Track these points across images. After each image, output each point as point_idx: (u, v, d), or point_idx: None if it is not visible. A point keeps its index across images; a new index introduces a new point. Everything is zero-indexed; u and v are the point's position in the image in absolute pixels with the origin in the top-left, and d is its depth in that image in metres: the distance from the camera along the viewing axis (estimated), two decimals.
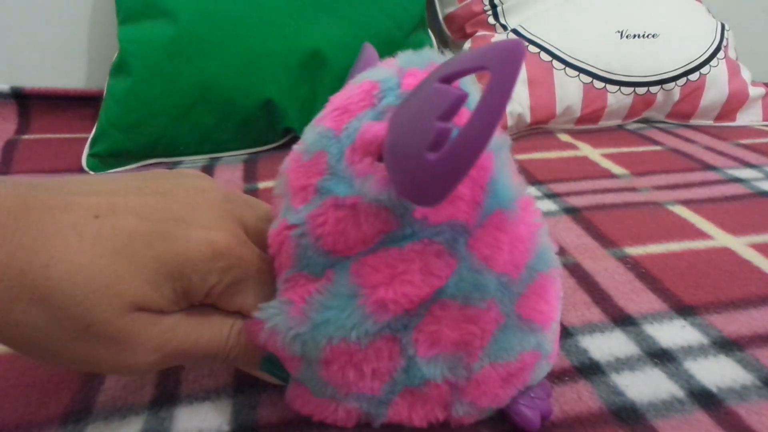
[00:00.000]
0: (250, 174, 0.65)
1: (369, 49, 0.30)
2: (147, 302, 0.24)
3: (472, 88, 0.25)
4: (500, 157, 0.24)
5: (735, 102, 0.82)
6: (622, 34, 0.79)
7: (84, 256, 0.22)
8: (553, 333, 0.28)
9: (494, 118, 0.18)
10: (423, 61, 0.25)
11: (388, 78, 0.25)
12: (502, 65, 0.18)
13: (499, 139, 0.25)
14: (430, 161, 0.19)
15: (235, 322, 0.27)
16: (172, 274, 0.24)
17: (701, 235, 0.48)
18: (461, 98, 0.18)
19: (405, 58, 0.26)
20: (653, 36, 0.80)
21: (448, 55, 0.25)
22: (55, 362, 0.24)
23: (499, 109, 0.18)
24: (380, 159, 0.23)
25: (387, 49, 0.29)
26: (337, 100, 0.26)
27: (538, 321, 0.26)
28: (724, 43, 0.84)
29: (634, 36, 0.80)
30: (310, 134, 0.26)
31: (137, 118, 0.67)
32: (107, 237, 0.23)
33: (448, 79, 0.20)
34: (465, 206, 0.23)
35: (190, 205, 0.26)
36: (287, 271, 0.26)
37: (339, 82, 0.28)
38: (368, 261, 0.24)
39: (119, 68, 0.69)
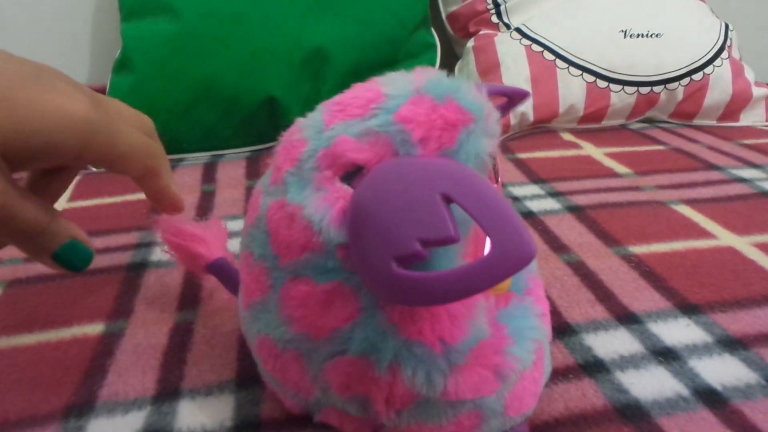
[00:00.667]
0: (253, 171, 0.65)
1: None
2: (13, 149, 0.23)
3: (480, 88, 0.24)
4: None
5: (738, 102, 0.82)
6: (625, 34, 0.79)
7: None
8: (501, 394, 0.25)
9: (473, 287, 0.17)
10: (441, 93, 0.23)
11: (395, 95, 0.23)
12: (504, 258, 0.17)
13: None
14: (395, 273, 0.19)
15: (60, 215, 0.27)
16: (46, 122, 0.24)
17: (705, 234, 0.48)
18: (450, 240, 0.18)
19: (432, 79, 0.24)
20: (657, 35, 0.80)
21: (481, 91, 0.23)
22: None
23: (481, 284, 0.17)
24: (344, 178, 0.23)
25: (390, 47, 0.28)
26: (348, 93, 0.25)
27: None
28: (728, 43, 0.84)
29: (638, 35, 0.79)
30: (313, 115, 0.26)
31: None
32: None
33: (452, 201, 0.19)
34: None
35: (55, 71, 0.26)
36: (245, 236, 0.28)
37: (342, 79, 0.27)
38: (289, 291, 0.25)
39: (122, 65, 0.69)
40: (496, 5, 0.83)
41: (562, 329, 0.36)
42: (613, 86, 0.78)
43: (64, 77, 0.27)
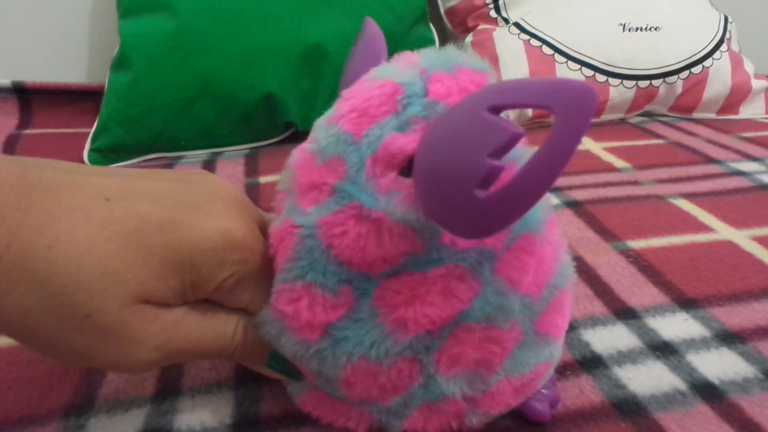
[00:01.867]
0: (252, 169, 0.65)
1: (371, 25, 0.28)
2: (153, 293, 0.22)
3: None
4: None
5: (738, 95, 0.82)
6: (624, 27, 0.79)
7: (90, 240, 0.21)
8: (563, 338, 0.29)
9: (556, 168, 0.17)
10: (448, 63, 0.23)
11: (412, 82, 0.23)
12: (573, 114, 0.16)
13: (528, 153, 0.23)
14: (479, 199, 0.18)
15: (240, 319, 0.26)
16: (182, 264, 0.23)
17: (703, 228, 0.48)
18: (516, 137, 0.17)
19: (428, 57, 0.24)
20: (656, 29, 0.79)
21: (471, 54, 0.24)
22: (49, 353, 0.22)
23: (562, 160, 0.17)
24: (402, 173, 0.22)
25: (388, 43, 0.28)
26: (354, 99, 0.24)
27: (553, 334, 0.27)
28: (727, 35, 0.83)
29: (637, 29, 0.79)
30: (325, 135, 0.24)
31: (138, 113, 0.67)
32: (117, 221, 0.22)
33: (499, 109, 0.18)
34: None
35: (207, 193, 0.25)
36: (282, 274, 0.24)
37: (340, 75, 0.27)
38: (391, 285, 0.23)
39: (120, 63, 0.69)
40: (495, 0, 0.83)
41: None
42: (611, 80, 0.78)
43: (224, 201, 0.25)
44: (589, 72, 0.78)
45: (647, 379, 0.32)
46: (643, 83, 0.79)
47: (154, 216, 0.22)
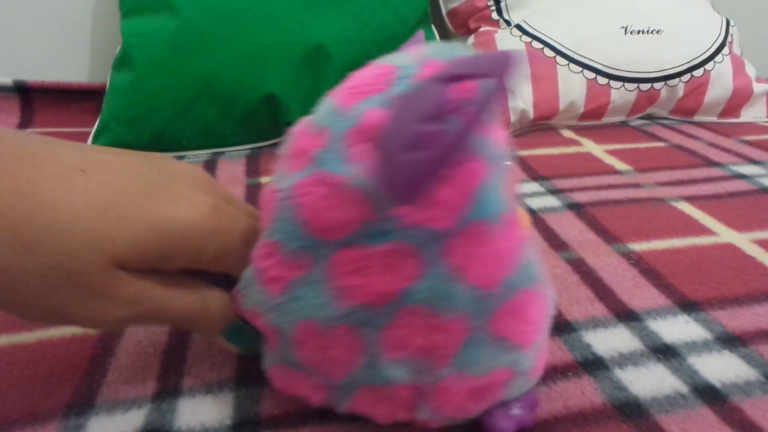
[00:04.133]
0: (253, 169, 0.65)
1: (419, 37, 0.31)
2: (129, 262, 0.24)
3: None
4: (497, 167, 0.24)
5: (739, 98, 0.82)
6: (626, 30, 0.79)
7: (72, 208, 0.22)
8: (535, 351, 0.26)
9: (468, 128, 0.18)
10: (450, 54, 0.25)
11: (407, 66, 0.24)
12: (496, 77, 0.18)
13: (500, 150, 0.24)
14: (401, 161, 0.19)
15: (215, 294, 0.28)
16: (158, 240, 0.24)
17: (705, 231, 0.48)
18: (443, 103, 0.18)
19: (435, 48, 0.25)
20: (657, 32, 0.80)
21: (477, 51, 0.25)
22: (26, 313, 0.24)
23: (475, 119, 0.18)
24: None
25: (390, 44, 0.29)
26: (356, 77, 0.26)
27: (513, 339, 0.25)
28: (729, 39, 0.83)
29: (639, 32, 0.79)
30: (323, 108, 0.26)
31: (140, 112, 0.67)
32: (95, 192, 0.23)
33: (448, 80, 0.19)
34: (443, 212, 0.23)
35: (177, 172, 0.27)
36: (265, 234, 0.26)
37: (342, 76, 0.27)
38: (344, 254, 0.24)
39: (122, 62, 0.69)
40: (497, 2, 0.83)
41: (562, 326, 0.36)
42: (613, 83, 0.78)
43: (190, 180, 0.27)
44: (591, 75, 0.78)
45: (649, 381, 0.31)
46: (645, 86, 0.79)
47: (131, 191, 0.24)
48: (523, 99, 0.76)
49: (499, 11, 0.83)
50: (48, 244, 0.22)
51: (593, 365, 0.33)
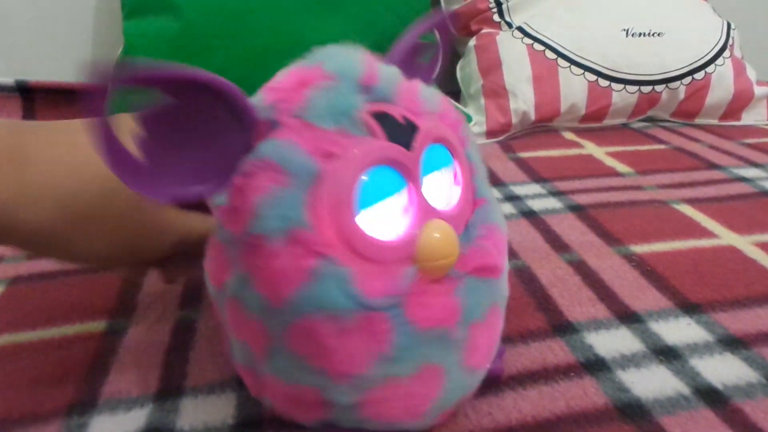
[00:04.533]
0: None
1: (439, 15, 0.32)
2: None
3: None
4: (297, 181, 0.22)
5: (740, 101, 0.82)
6: (627, 32, 0.79)
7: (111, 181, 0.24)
8: (355, 389, 0.24)
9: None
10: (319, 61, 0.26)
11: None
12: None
13: (311, 164, 0.23)
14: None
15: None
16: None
17: (706, 233, 0.48)
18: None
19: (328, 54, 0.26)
20: (659, 34, 0.80)
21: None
22: (75, 257, 0.30)
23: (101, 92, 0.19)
24: None
25: (391, 46, 0.29)
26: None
27: (313, 363, 0.24)
28: (730, 42, 0.84)
29: (640, 34, 0.79)
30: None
31: None
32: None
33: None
34: (235, 217, 0.23)
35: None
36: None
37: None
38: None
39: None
40: (498, 4, 0.83)
41: (564, 327, 0.36)
42: (614, 85, 0.78)
43: None
44: (592, 77, 0.78)
45: (651, 383, 0.31)
46: (646, 88, 0.79)
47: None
48: (524, 101, 0.76)
49: (501, 13, 0.83)
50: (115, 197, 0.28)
51: (595, 366, 0.33)
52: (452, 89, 0.84)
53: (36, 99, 0.78)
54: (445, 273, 0.25)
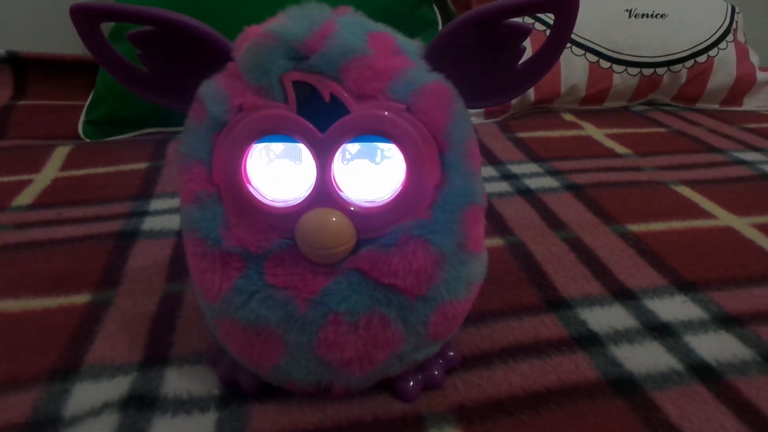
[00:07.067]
0: None
1: None
2: None
3: None
4: (207, 123, 0.25)
5: (742, 86, 0.81)
6: (630, 13, 0.78)
7: None
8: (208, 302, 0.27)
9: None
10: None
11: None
12: None
13: (218, 112, 0.25)
14: None
15: None
16: None
17: (704, 214, 0.48)
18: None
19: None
20: (662, 16, 0.78)
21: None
22: None
23: None
24: None
25: (390, 23, 0.27)
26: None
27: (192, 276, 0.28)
28: (734, 26, 0.82)
29: (643, 15, 0.78)
30: None
31: None
32: None
33: None
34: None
35: None
36: None
37: None
38: None
39: (117, 34, 0.68)
40: None
41: (557, 303, 0.36)
42: (616, 67, 0.77)
43: None
44: (593, 58, 0.77)
45: (644, 358, 0.31)
46: (648, 71, 0.78)
47: None
48: None
49: None
50: None
51: (588, 341, 0.32)
52: None
53: (27, 71, 0.77)
54: (325, 262, 0.25)
